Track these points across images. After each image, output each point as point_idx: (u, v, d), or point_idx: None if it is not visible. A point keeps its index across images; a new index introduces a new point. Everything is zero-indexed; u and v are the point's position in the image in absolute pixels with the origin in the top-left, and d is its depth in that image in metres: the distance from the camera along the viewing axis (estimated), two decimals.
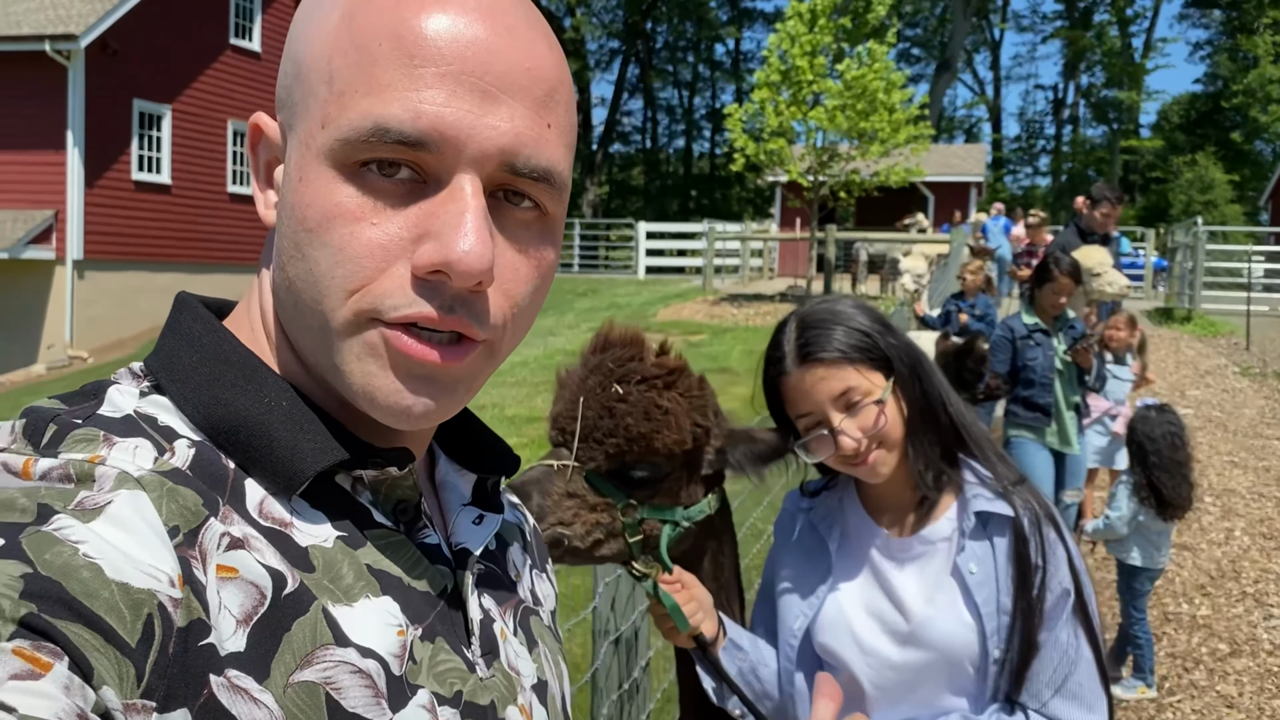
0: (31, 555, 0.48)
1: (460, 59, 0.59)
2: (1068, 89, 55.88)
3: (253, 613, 0.57)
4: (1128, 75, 50.34)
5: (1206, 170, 42.69)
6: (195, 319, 0.67)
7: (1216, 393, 11.27)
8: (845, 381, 1.49)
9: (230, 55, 19.05)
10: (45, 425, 0.58)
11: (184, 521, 0.56)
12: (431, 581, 0.67)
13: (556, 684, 0.80)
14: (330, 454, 0.62)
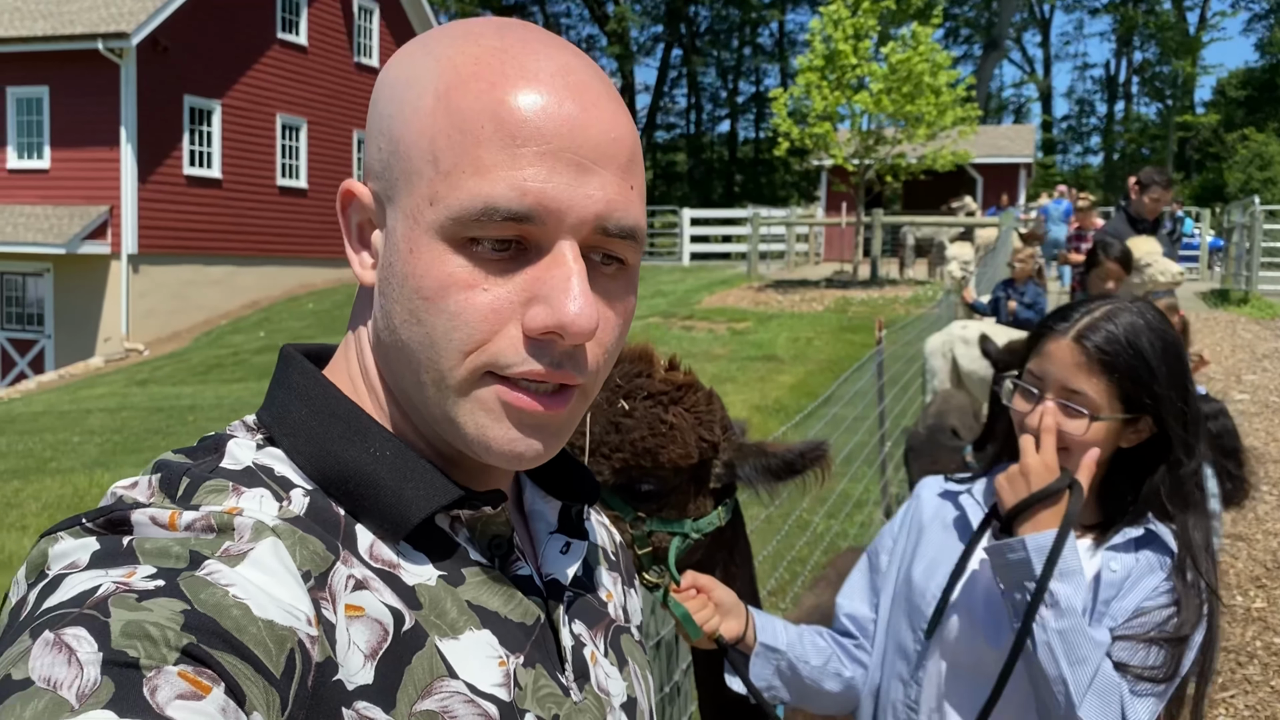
0: (189, 594, 0.54)
1: (556, 136, 0.64)
2: (1119, 65, 54.82)
3: (378, 648, 0.63)
4: (1182, 49, 49.22)
5: (1265, 146, 41.69)
6: (301, 373, 0.73)
7: (1274, 377, 11.04)
8: (1084, 383, 1.51)
9: (278, 49, 19.27)
10: (179, 479, 0.65)
11: (314, 566, 0.63)
12: (526, 613, 0.72)
13: (644, 699, 0.85)
14: (433, 499, 0.68)
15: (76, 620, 0.51)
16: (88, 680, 0.48)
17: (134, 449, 8.50)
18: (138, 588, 0.54)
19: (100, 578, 0.55)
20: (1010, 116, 54.78)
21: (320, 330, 16.18)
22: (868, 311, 15.02)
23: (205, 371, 13.86)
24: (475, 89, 0.64)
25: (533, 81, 0.64)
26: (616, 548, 0.94)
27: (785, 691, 1.63)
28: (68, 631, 0.50)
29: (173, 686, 0.50)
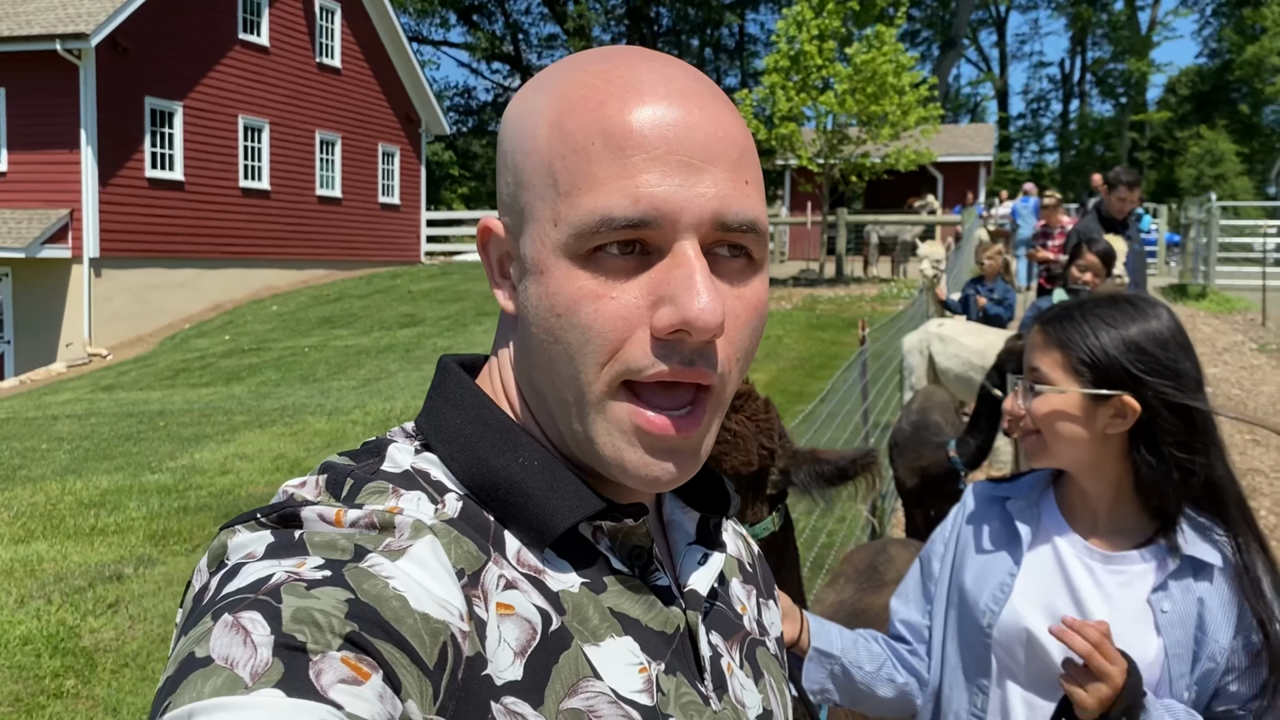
0: (353, 584, 0.58)
1: (664, 141, 0.66)
2: (1074, 64, 55.59)
3: (527, 645, 0.66)
4: (1134, 47, 50.01)
5: (1215, 143, 42.45)
6: (458, 384, 0.76)
7: (1235, 370, 11.29)
8: (1040, 362, 1.57)
9: (239, 50, 19.07)
10: (343, 480, 0.69)
11: (468, 564, 0.66)
12: (666, 622, 0.74)
13: (780, 711, 0.86)
14: (579, 509, 0.70)
15: (252, 605, 0.55)
16: (260, 660, 0.52)
17: (105, 455, 8.39)
18: (307, 577, 0.57)
19: (274, 567, 0.59)
20: (967, 115, 55.37)
21: (285, 333, 16.04)
22: (835, 309, 15.14)
23: (172, 376, 13.70)
24: (583, 110, 0.67)
25: (635, 94, 0.67)
26: (754, 559, 0.96)
27: (838, 695, 1.64)
28: (244, 615, 0.54)
29: (336, 671, 0.53)
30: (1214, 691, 1.52)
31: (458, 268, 22.09)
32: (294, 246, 20.42)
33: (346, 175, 21.81)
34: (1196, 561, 1.53)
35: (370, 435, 8.37)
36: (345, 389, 11.33)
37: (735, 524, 0.97)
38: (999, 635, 1.61)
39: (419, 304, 17.43)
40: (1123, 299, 1.59)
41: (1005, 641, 1.60)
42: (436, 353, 13.25)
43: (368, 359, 13.32)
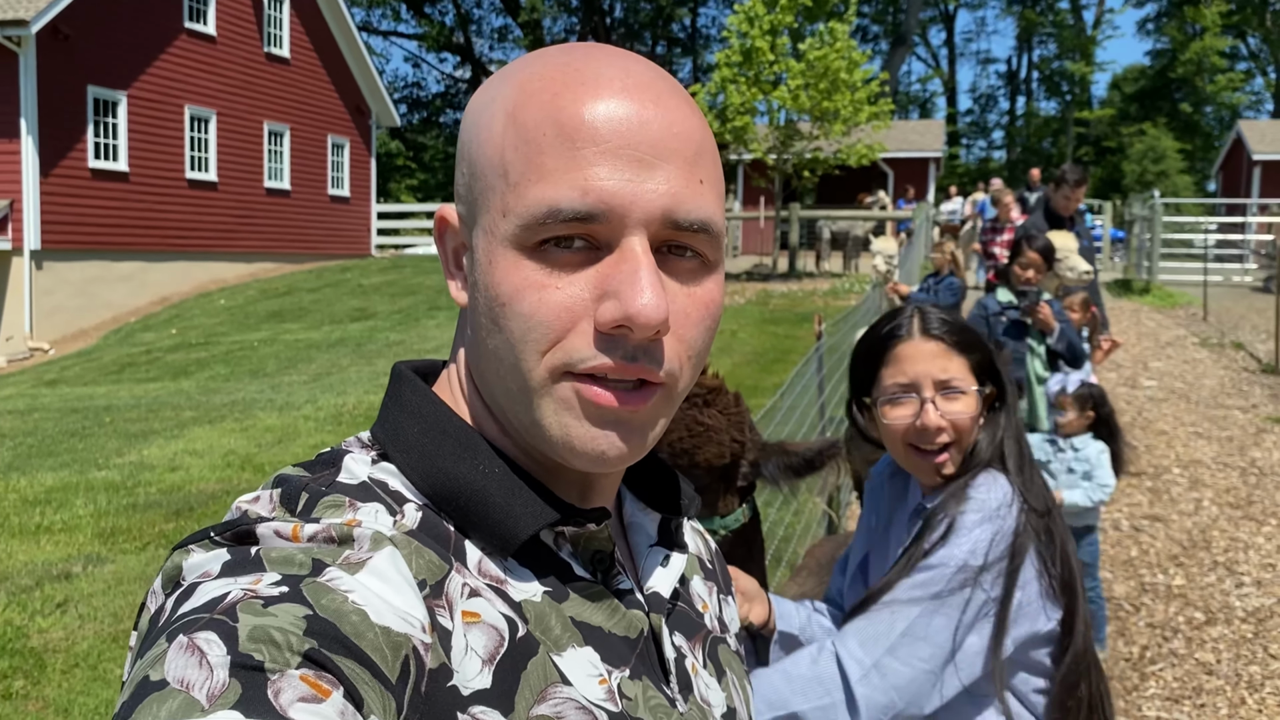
0: (311, 600, 0.57)
1: (616, 135, 0.65)
2: (1020, 62, 56.39)
3: (495, 653, 0.65)
4: (1079, 47, 50.85)
5: (1158, 141, 43.30)
6: (414, 392, 0.74)
7: (1177, 364, 11.54)
8: (952, 367, 1.62)
9: (185, 39, 18.73)
10: (298, 494, 0.67)
11: (430, 575, 0.65)
12: (630, 626, 0.73)
13: (744, 708, 0.86)
14: (541, 516, 0.69)
15: (207, 625, 0.54)
16: (217, 682, 0.51)
17: (50, 452, 8.21)
18: (264, 594, 0.56)
19: (230, 585, 0.57)
20: (917, 111, 55.95)
21: (234, 327, 15.82)
22: (788, 304, 15.24)
23: (118, 371, 13.45)
24: (538, 101, 0.67)
25: (591, 86, 0.66)
26: (713, 556, 0.96)
27: None
28: (200, 636, 0.53)
29: (295, 690, 0.52)
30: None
31: (409, 261, 21.91)
32: (242, 239, 20.12)
33: (295, 167, 21.52)
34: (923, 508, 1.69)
35: (323, 430, 8.25)
36: (296, 384, 11.20)
37: (694, 522, 0.97)
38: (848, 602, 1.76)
39: (370, 298, 17.27)
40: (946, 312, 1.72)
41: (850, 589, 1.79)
42: (389, 347, 13.15)
43: (319, 353, 13.18)
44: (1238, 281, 19.48)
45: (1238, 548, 5.97)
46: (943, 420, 1.60)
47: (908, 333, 1.64)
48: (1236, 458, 7.79)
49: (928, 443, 1.61)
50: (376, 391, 10.09)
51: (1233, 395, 9.98)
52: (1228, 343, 12.87)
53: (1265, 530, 6.23)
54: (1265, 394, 10.01)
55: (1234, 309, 15.70)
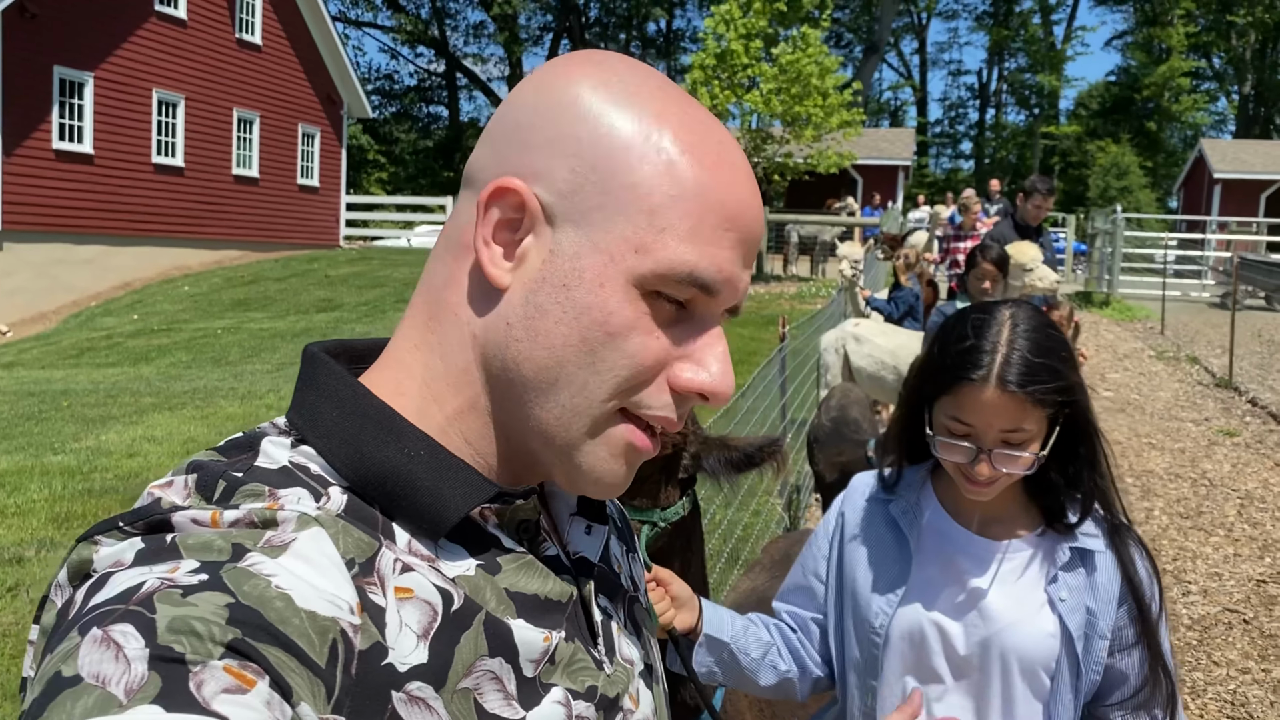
0: (232, 587, 0.55)
1: (746, 229, 0.71)
2: (991, 74, 56.95)
3: (430, 626, 0.64)
4: (1048, 62, 51.44)
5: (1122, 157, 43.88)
6: (329, 374, 0.71)
7: (1134, 376, 11.73)
8: (1024, 422, 1.49)
9: (155, 22, 18.51)
10: (215, 481, 0.65)
11: (359, 553, 0.64)
12: (561, 591, 0.74)
13: (658, 664, 0.88)
14: (471, 498, 0.69)
15: (123, 617, 0.52)
16: (135, 676, 0.50)
17: (5, 435, 8.11)
18: (182, 582, 0.55)
19: (145, 574, 0.56)
20: (887, 119, 56.35)
21: (197, 314, 15.66)
22: (754, 306, 15.31)
23: (77, 355, 13.28)
24: (704, 169, 0.69)
25: (734, 170, 0.71)
26: (618, 514, 0.97)
27: (723, 677, 1.68)
28: (115, 628, 0.52)
29: (218, 681, 0.51)
30: (1106, 670, 1.61)
31: (377, 253, 21.79)
32: (208, 226, 19.93)
33: (264, 155, 21.34)
34: (1084, 550, 1.61)
35: None
36: (259, 373, 11.12)
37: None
38: (895, 636, 1.64)
39: (337, 289, 17.16)
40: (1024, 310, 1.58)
41: (901, 642, 1.64)
42: (356, 338, 13.07)
43: (283, 343, 13.08)
44: (1195, 297, 19.81)
45: (1186, 557, 6.09)
46: (997, 473, 1.52)
47: (983, 379, 1.48)
48: (1188, 469, 7.93)
49: (981, 484, 1.54)
50: None
51: (1186, 408, 10.16)
52: (1183, 356, 13.09)
53: (1213, 541, 6.36)
54: (1218, 407, 10.20)
55: (1191, 323, 15.97)
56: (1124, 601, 1.60)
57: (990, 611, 1.60)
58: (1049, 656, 1.58)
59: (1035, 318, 1.56)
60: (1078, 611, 1.58)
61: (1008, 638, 1.58)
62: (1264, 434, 9.14)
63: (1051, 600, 1.59)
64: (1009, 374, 1.48)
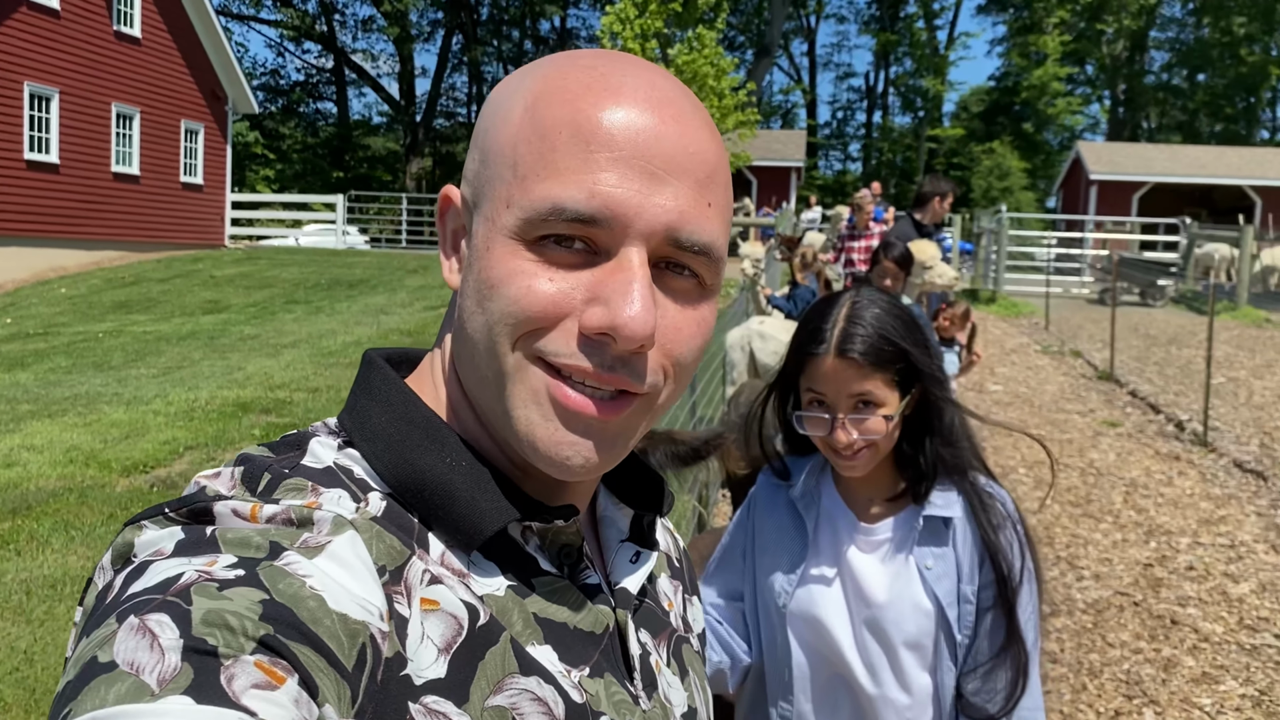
0: (268, 584, 0.55)
1: (630, 145, 0.65)
2: (878, 77, 58.33)
3: (453, 641, 0.64)
4: (933, 66, 52.97)
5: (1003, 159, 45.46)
6: (383, 380, 0.73)
7: (1021, 370, 12.14)
8: (866, 386, 1.62)
9: (26, 12, 17.63)
10: (260, 474, 0.66)
11: (390, 560, 0.63)
12: (595, 622, 0.73)
13: (704, 709, 0.85)
14: (506, 512, 0.68)
15: (160, 607, 0.52)
16: (168, 666, 0.50)
17: None
18: (219, 576, 0.55)
19: (184, 565, 0.56)
20: (779, 121, 57.24)
21: (76, 317, 14.99)
22: None
23: None
24: (559, 100, 0.66)
25: (614, 94, 0.66)
26: (680, 555, 0.95)
27: None
28: (151, 617, 0.52)
29: (249, 676, 0.51)
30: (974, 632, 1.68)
31: (265, 253, 21.20)
32: (85, 226, 19.09)
33: (145, 152, 20.54)
34: (943, 518, 1.69)
35: (174, 425, 7.90)
36: (145, 377, 10.69)
37: (665, 521, 0.96)
38: (793, 616, 1.72)
39: (223, 290, 16.64)
40: (876, 298, 1.70)
41: (799, 622, 1.72)
42: (244, 340, 12.69)
43: (168, 346, 12.61)
44: (1076, 293, 20.61)
45: (1078, 543, 6.32)
46: (854, 437, 1.62)
47: (825, 350, 1.63)
48: (1076, 459, 8.24)
49: (843, 452, 1.64)
50: (232, 386, 9.73)
51: (1072, 400, 10.55)
52: (1067, 351, 13.60)
53: (1102, 527, 6.61)
54: (1101, 399, 10.62)
55: (1072, 319, 16.60)
56: (983, 565, 1.67)
57: (872, 591, 1.69)
58: (927, 627, 1.66)
59: (874, 297, 1.69)
60: (945, 578, 1.67)
61: (888, 614, 1.67)
62: (1144, 424, 9.55)
63: (920, 572, 1.67)
64: (846, 343, 1.62)
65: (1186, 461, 8.20)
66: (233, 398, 9.25)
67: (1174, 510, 6.93)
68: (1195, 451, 8.50)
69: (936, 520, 1.69)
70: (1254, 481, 7.62)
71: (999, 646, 1.65)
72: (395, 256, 22.22)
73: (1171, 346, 14.08)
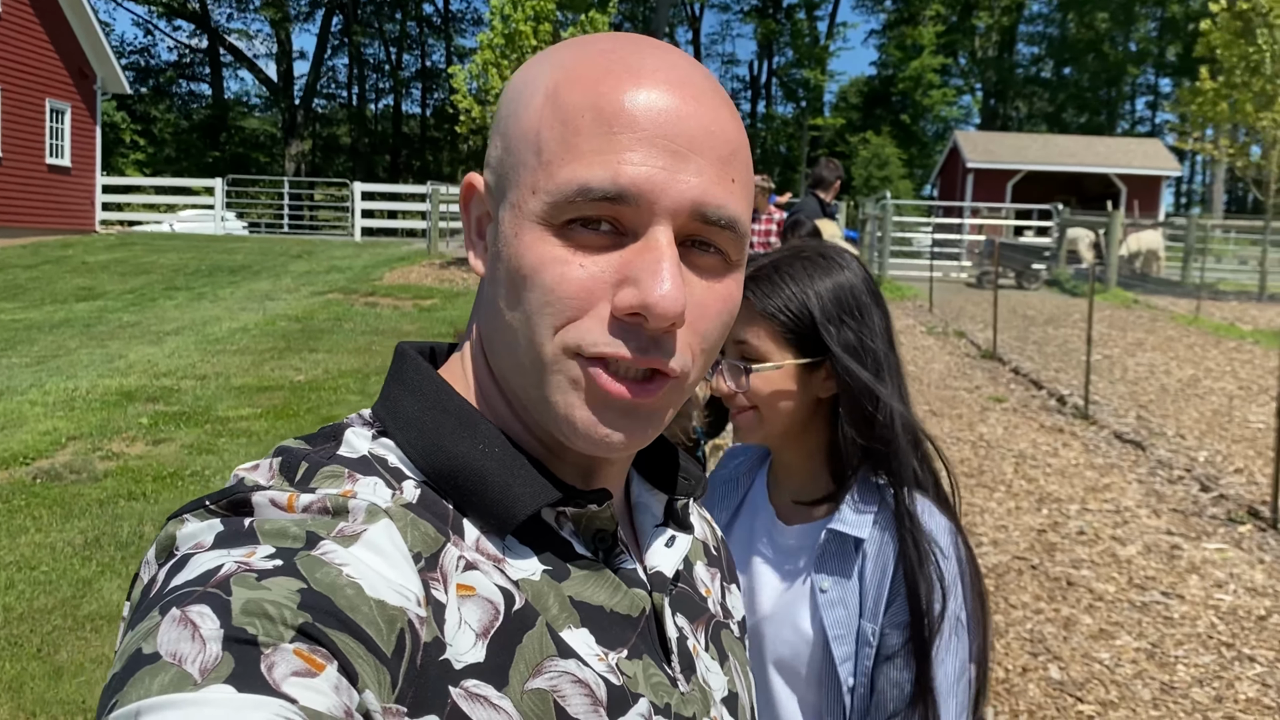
0: (305, 574, 0.56)
1: (653, 124, 0.65)
2: (761, 67, 59.16)
3: (490, 626, 0.64)
4: (813, 56, 53.97)
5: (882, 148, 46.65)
6: (415, 370, 0.74)
7: (910, 350, 12.50)
8: (749, 332, 1.46)
9: None
10: (298, 464, 0.67)
11: (425, 548, 0.64)
12: (632, 605, 0.73)
13: (745, 695, 0.85)
14: (540, 497, 0.69)
15: (201, 598, 0.53)
16: (210, 655, 0.51)
17: None
18: (257, 567, 0.56)
19: (223, 557, 0.57)
20: None
21: None
22: None
23: None
24: (580, 84, 0.67)
25: (633, 75, 0.67)
26: (718, 543, 0.96)
27: None
28: (192, 609, 0.53)
29: (289, 663, 0.52)
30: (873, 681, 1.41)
31: (140, 238, 20.38)
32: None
33: (7, 132, 19.48)
34: (844, 536, 1.44)
35: (53, 415, 7.56)
36: (17, 367, 10.16)
37: (700, 508, 0.96)
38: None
39: (97, 276, 15.92)
40: (813, 253, 1.52)
41: None
42: (123, 328, 12.18)
43: (40, 334, 12.01)
44: (955, 277, 21.31)
45: (974, 512, 6.55)
46: (730, 386, 1.47)
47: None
48: (967, 433, 8.53)
49: (728, 406, 1.47)
50: (114, 375, 9.33)
51: (959, 378, 10.92)
52: (951, 331, 14.06)
53: (996, 496, 6.86)
54: (985, 376, 11.01)
55: (953, 301, 17.17)
56: (894, 602, 1.39)
57: (758, 599, 1.51)
58: (803, 654, 1.44)
59: (830, 258, 1.51)
60: (839, 607, 1.42)
61: (765, 629, 1.49)
62: (1027, 399, 9.95)
63: (814, 592, 1.44)
64: (752, 284, 1.47)
65: (1070, 434, 8.58)
66: (115, 386, 8.87)
67: (1062, 479, 7.24)
68: (1077, 424, 8.90)
69: (845, 538, 1.43)
70: (1133, 451, 8.02)
71: (905, 700, 1.37)
72: (277, 241, 21.58)
73: (1049, 326, 14.69)
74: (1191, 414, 9.39)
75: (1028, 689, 4.22)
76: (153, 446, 7.14)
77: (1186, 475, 7.36)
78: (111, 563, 5.07)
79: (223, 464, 6.72)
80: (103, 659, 4.11)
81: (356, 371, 9.76)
